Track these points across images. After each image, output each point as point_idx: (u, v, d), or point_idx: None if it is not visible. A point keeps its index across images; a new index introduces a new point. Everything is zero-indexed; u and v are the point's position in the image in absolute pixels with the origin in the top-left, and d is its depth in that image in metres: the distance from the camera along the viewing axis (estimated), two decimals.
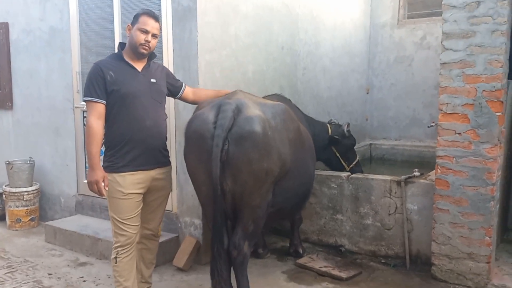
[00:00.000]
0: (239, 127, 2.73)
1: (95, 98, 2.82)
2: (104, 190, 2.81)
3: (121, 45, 3.02)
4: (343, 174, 4.29)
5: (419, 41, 6.61)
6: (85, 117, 4.38)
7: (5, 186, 5.16)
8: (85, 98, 2.87)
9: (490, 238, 3.42)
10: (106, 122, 2.87)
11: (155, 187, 3.02)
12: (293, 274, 3.79)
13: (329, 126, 4.52)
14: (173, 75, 3.33)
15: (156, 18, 2.92)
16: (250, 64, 4.45)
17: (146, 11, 2.92)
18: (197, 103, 3.31)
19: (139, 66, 2.95)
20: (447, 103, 3.49)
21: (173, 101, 4.00)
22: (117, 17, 4.33)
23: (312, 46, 5.51)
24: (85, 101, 2.88)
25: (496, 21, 3.27)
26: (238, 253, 2.85)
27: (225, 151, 2.69)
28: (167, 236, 4.08)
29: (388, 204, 4.00)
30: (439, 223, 3.57)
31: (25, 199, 5.06)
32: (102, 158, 2.94)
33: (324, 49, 5.77)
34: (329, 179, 4.29)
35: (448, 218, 3.53)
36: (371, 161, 6.66)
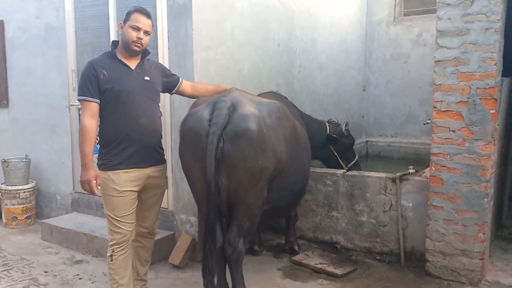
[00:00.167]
0: (234, 124, 2.74)
1: (88, 97, 2.82)
2: (96, 189, 2.81)
3: (114, 43, 3.01)
4: (339, 172, 4.30)
5: (415, 38, 6.63)
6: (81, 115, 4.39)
7: (1, 184, 5.16)
8: (79, 97, 2.87)
9: (483, 234, 3.44)
10: (100, 120, 2.88)
11: (150, 185, 3.02)
12: (289, 271, 3.81)
13: (328, 124, 4.52)
14: (168, 70, 3.30)
15: (148, 15, 2.91)
16: (246, 61, 4.45)
17: (137, 8, 2.90)
18: (196, 97, 3.30)
19: (132, 64, 2.94)
20: (441, 101, 3.50)
21: (169, 98, 4.00)
22: (112, 15, 4.32)
23: (309, 43, 5.51)
24: (78, 100, 2.89)
25: (490, 19, 3.28)
26: (233, 250, 2.87)
27: (220, 149, 2.70)
28: (163, 233, 4.09)
29: (383, 201, 4.02)
30: (433, 220, 3.59)
31: (21, 197, 5.06)
32: (97, 156, 2.95)
33: (320, 46, 5.77)
34: (325, 176, 4.31)
35: (442, 215, 3.55)
36: (367, 158, 6.68)
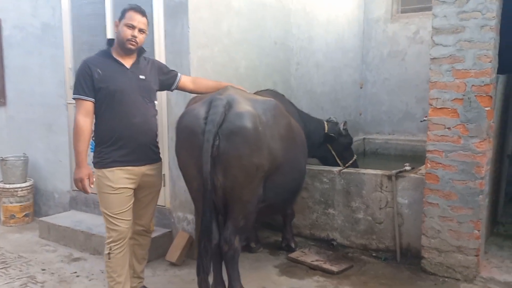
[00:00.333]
0: (230, 122, 2.75)
1: (83, 95, 2.83)
2: (89, 187, 2.83)
3: (109, 41, 3.00)
4: (335, 169, 4.31)
5: (412, 35, 6.63)
6: None
7: None
8: (74, 96, 2.88)
9: (478, 231, 3.45)
10: (95, 119, 2.89)
11: (146, 183, 3.03)
12: (285, 268, 3.83)
13: (326, 123, 4.52)
14: (166, 67, 3.27)
15: (143, 13, 2.90)
16: (243, 59, 4.45)
17: (132, 6, 2.90)
18: (197, 92, 3.30)
19: (127, 63, 2.94)
20: (437, 98, 3.51)
21: (165, 97, 4.01)
22: (109, 13, 4.32)
23: (305, 41, 5.51)
24: (73, 98, 2.90)
25: (485, 16, 3.29)
26: (229, 247, 2.88)
27: (216, 147, 2.71)
28: (160, 231, 4.11)
29: (379, 198, 4.04)
30: (428, 217, 3.61)
31: (19, 195, 5.07)
32: (92, 154, 2.96)
33: (317, 44, 5.77)
34: (321, 173, 4.32)
35: (438, 212, 3.57)
36: (364, 155, 6.69)
